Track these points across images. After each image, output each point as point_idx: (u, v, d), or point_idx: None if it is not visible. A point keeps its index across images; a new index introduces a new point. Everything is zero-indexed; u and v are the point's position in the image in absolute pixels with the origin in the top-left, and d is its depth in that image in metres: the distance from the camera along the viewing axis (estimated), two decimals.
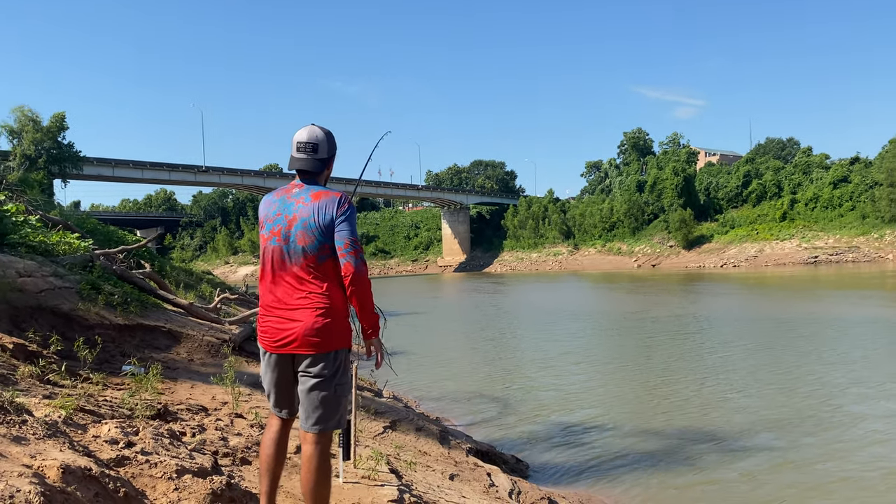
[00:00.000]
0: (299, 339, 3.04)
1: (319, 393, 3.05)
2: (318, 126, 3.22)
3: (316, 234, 3.05)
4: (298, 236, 3.07)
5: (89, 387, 4.82)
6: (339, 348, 3.10)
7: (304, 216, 3.08)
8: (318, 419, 3.06)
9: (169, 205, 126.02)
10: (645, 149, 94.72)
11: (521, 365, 17.03)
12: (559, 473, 8.75)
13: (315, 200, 3.10)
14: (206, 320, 11.33)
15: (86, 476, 2.78)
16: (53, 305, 7.92)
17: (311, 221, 3.06)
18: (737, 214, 77.07)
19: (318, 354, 3.04)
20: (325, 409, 3.06)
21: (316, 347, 3.04)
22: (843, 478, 8.14)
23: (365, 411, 8.06)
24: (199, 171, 74.40)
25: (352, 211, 3.12)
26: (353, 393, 4.92)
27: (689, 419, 10.93)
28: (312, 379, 3.05)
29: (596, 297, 39.13)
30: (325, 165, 3.23)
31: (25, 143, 53.06)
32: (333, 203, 3.09)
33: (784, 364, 15.08)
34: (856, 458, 8.75)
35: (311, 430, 3.07)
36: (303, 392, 3.09)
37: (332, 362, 3.07)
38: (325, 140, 3.20)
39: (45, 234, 11.08)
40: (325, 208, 3.07)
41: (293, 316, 3.06)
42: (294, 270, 3.08)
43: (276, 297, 3.12)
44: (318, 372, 3.05)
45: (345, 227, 3.06)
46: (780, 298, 32.15)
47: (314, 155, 3.18)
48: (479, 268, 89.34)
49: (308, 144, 3.17)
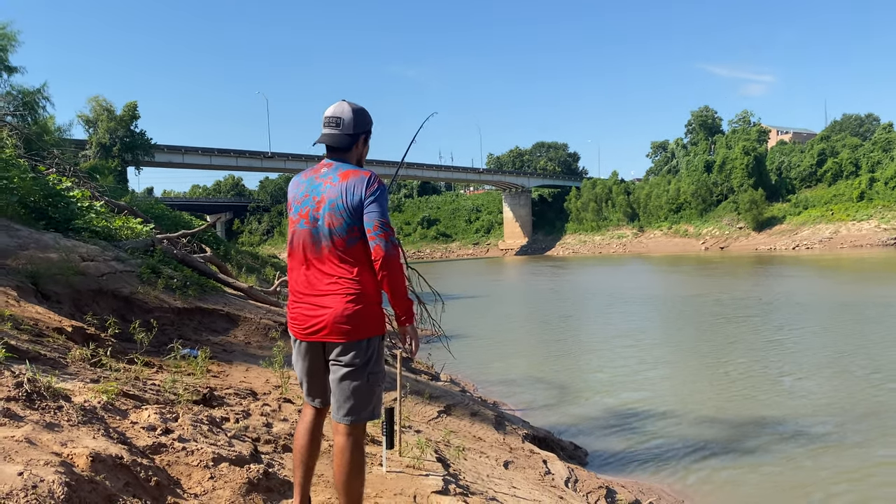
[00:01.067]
0: (329, 326, 2.90)
1: (351, 383, 2.91)
2: (347, 102, 3.06)
3: (344, 216, 2.90)
4: (327, 218, 2.92)
5: (139, 370, 4.85)
6: (371, 336, 2.94)
7: (331, 197, 2.93)
8: (350, 410, 2.92)
9: (237, 190, 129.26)
10: (713, 128, 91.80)
11: (581, 349, 16.72)
12: (619, 461, 8.51)
13: (343, 180, 2.94)
14: (266, 303, 11.45)
15: (116, 464, 2.73)
16: (114, 289, 8.08)
17: (339, 202, 2.91)
18: (810, 194, 73.97)
19: (349, 342, 2.90)
20: (357, 400, 2.92)
21: (347, 335, 2.89)
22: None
23: (419, 396, 7.98)
24: (265, 157, 75.77)
25: (381, 191, 2.94)
26: (398, 377, 4.81)
27: (752, 406, 10.51)
28: (343, 368, 2.92)
29: (659, 281, 38.22)
30: (352, 141, 3.05)
31: (100, 131, 54.96)
32: (362, 183, 2.92)
33: (850, 350, 14.35)
34: None
35: (343, 422, 2.94)
36: (334, 382, 2.95)
37: (364, 350, 2.92)
38: (350, 115, 3.03)
39: (109, 219, 11.36)
40: (354, 188, 2.91)
41: (323, 302, 2.92)
42: (323, 255, 2.94)
43: (305, 283, 2.99)
44: (349, 361, 2.91)
45: (374, 208, 2.89)
46: (852, 281, 30.70)
47: (337, 129, 3.02)
48: (540, 251, 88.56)
49: (333, 119, 3.02)
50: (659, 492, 7.38)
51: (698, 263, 51.69)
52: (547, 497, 5.31)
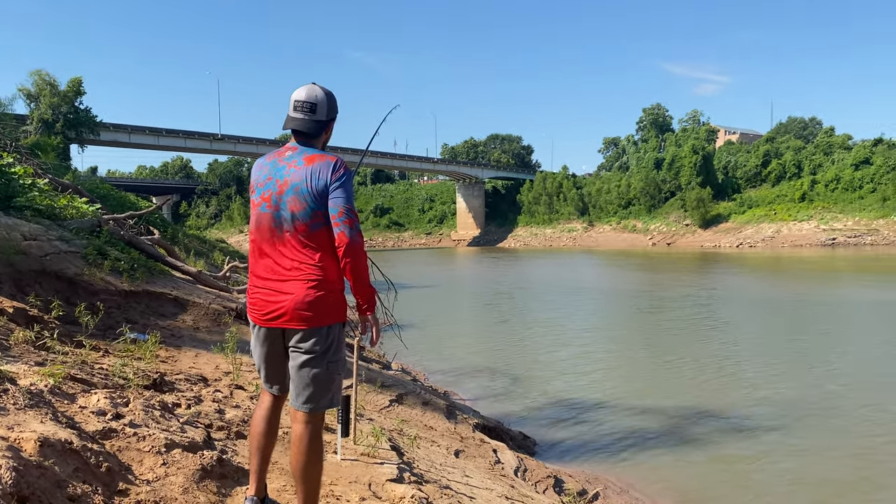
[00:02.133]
0: (289, 312, 2.85)
1: (311, 370, 2.87)
2: (318, 85, 2.98)
3: (308, 201, 2.84)
4: (290, 202, 2.86)
5: (86, 354, 4.71)
6: (332, 323, 2.90)
7: (295, 181, 2.86)
8: (309, 398, 2.88)
9: (185, 172, 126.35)
10: (664, 126, 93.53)
11: (531, 341, 16.90)
12: (566, 451, 8.64)
13: (308, 164, 2.87)
14: (215, 288, 11.25)
15: (66, 449, 2.65)
16: (58, 270, 7.82)
17: (304, 187, 2.84)
18: (755, 194, 76.10)
19: (309, 329, 2.85)
20: (317, 388, 2.88)
21: (307, 322, 2.84)
22: (849, 458, 7.98)
23: (371, 384, 7.96)
24: (215, 138, 74.26)
25: (348, 176, 2.89)
26: (354, 367, 4.79)
27: (698, 398, 10.80)
28: (303, 355, 2.87)
29: (608, 275, 38.86)
30: (323, 128, 2.99)
31: (42, 106, 53.05)
32: (328, 167, 2.86)
33: (791, 345, 14.87)
34: (859, 443, 8.59)
35: (302, 409, 2.89)
36: (293, 368, 2.91)
37: (324, 338, 2.88)
38: (324, 100, 2.96)
39: (53, 197, 10.98)
40: (319, 173, 2.85)
41: (283, 288, 2.86)
42: (285, 239, 2.88)
43: (265, 268, 2.93)
44: (309, 348, 2.86)
45: (339, 193, 2.84)
46: (791, 280, 31.73)
47: (312, 115, 2.94)
48: (492, 242, 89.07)
49: (306, 104, 2.94)
50: (605, 481, 7.52)
51: (645, 258, 52.72)
52: (498, 486, 5.36)
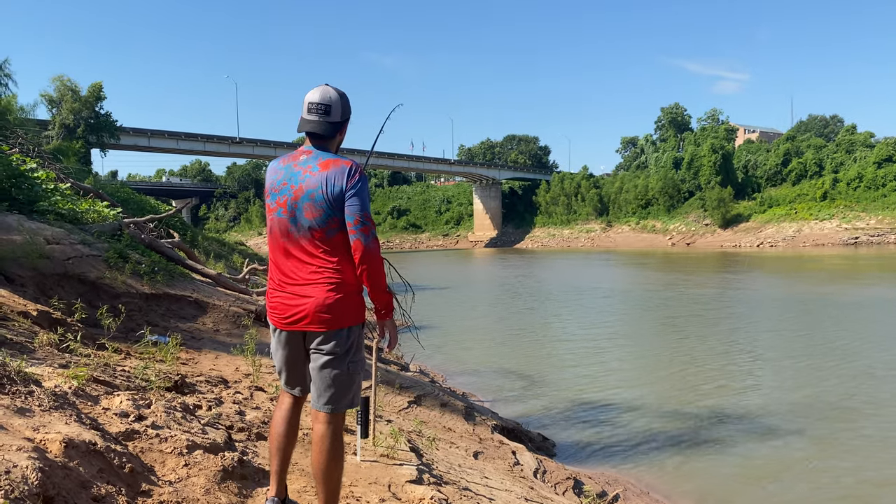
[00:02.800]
0: (310, 315, 2.87)
1: (332, 371, 2.90)
2: (331, 87, 2.97)
3: (324, 207, 2.84)
4: (305, 209, 2.86)
5: (108, 356, 4.77)
6: (351, 325, 2.92)
7: (310, 187, 2.86)
8: (331, 398, 2.91)
9: (204, 176, 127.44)
10: (683, 125, 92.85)
11: (550, 342, 16.85)
12: (586, 453, 8.61)
13: (323, 170, 2.86)
14: (234, 291, 11.33)
15: (90, 451, 2.69)
16: (80, 273, 7.92)
17: (319, 193, 2.84)
18: (775, 193, 75.32)
19: (329, 332, 2.88)
20: (338, 388, 2.91)
21: (327, 324, 2.87)
22: (873, 463, 7.87)
23: (389, 386, 7.98)
24: (233, 142, 74.76)
25: (363, 183, 2.87)
26: (373, 368, 4.80)
27: (718, 400, 10.71)
28: (324, 357, 2.90)
29: (627, 275, 38.64)
30: (337, 130, 2.98)
31: (64, 112, 53.75)
32: (343, 174, 2.85)
33: (813, 347, 14.69)
34: (883, 448, 8.47)
35: (323, 410, 2.92)
36: (314, 370, 2.93)
37: (344, 339, 2.90)
38: (338, 102, 2.95)
39: (75, 201, 11.12)
40: (334, 179, 2.84)
41: (303, 292, 2.88)
42: (302, 244, 2.89)
43: (285, 272, 2.94)
44: (330, 350, 2.89)
45: (355, 201, 2.83)
46: (813, 280, 31.37)
47: (326, 118, 2.93)
48: (510, 244, 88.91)
49: (320, 106, 2.92)
50: (625, 483, 7.48)
51: (665, 259, 52.38)
52: (518, 487, 5.35)
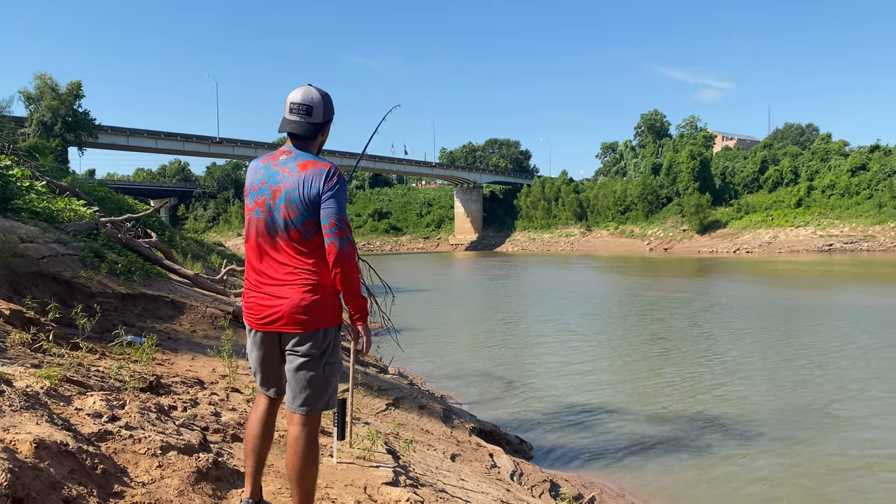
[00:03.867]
0: (286, 316, 2.86)
1: (307, 373, 2.88)
2: (314, 87, 2.96)
3: (300, 209, 2.83)
4: (282, 209, 2.85)
5: (82, 356, 4.71)
6: (327, 326, 2.91)
7: (288, 188, 2.86)
8: (306, 400, 2.90)
9: (183, 175, 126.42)
10: (661, 131, 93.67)
11: (529, 345, 16.91)
12: (563, 456, 8.64)
13: (301, 171, 2.86)
14: (212, 291, 11.25)
15: (61, 451, 2.66)
16: (55, 272, 7.82)
17: (296, 194, 2.84)
18: (752, 200, 76.27)
19: (305, 333, 2.86)
20: (313, 390, 2.90)
21: (303, 325, 2.85)
22: (847, 468, 7.98)
23: (368, 388, 7.96)
24: (213, 142, 74.24)
25: (341, 185, 2.85)
26: (351, 370, 4.79)
27: (694, 405, 10.79)
28: (300, 358, 2.88)
29: (605, 280, 38.88)
30: (318, 130, 2.97)
31: (42, 109, 53.06)
32: (321, 176, 2.84)
33: (788, 353, 14.88)
34: (852, 456, 8.58)
35: (298, 412, 2.91)
36: (290, 371, 2.92)
37: (320, 341, 2.89)
38: (320, 103, 2.94)
39: (51, 200, 10.98)
40: (312, 181, 2.83)
41: (279, 293, 2.87)
42: (279, 245, 2.88)
43: (261, 273, 2.93)
44: (305, 351, 2.87)
45: (331, 204, 2.81)
46: (788, 286, 31.78)
47: (308, 118, 2.92)
48: (490, 247, 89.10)
49: (302, 106, 2.91)
50: (601, 486, 7.52)
51: (643, 264, 52.77)
52: (494, 489, 5.36)
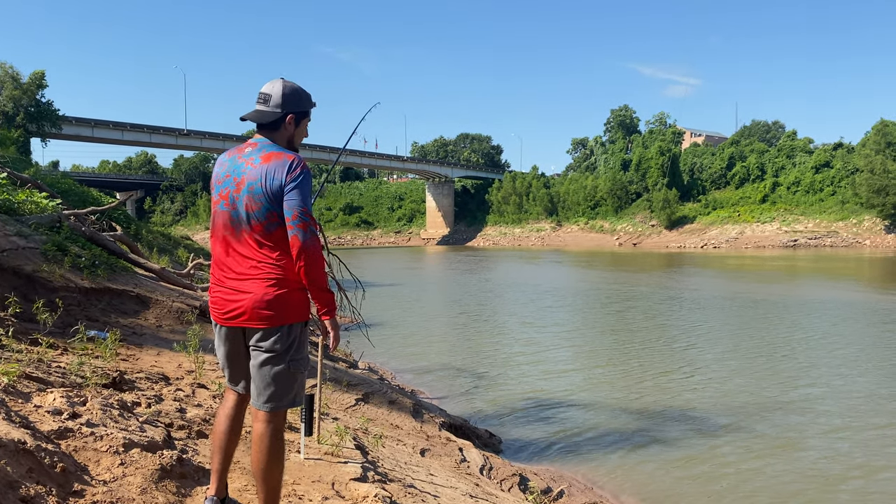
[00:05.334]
0: (248, 311, 2.80)
1: (272, 368, 2.83)
2: (284, 80, 2.94)
3: (263, 201, 2.78)
4: (245, 201, 2.80)
5: (42, 352, 4.60)
6: (292, 322, 2.85)
7: (251, 179, 2.81)
8: (270, 397, 2.84)
9: (149, 168, 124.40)
10: (631, 127, 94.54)
11: (499, 340, 16.97)
12: (532, 449, 8.68)
13: (264, 163, 2.81)
14: (178, 286, 11.09)
15: (19, 450, 2.59)
16: (15, 265, 7.63)
17: (258, 186, 2.79)
18: (719, 196, 77.41)
19: (269, 328, 2.81)
20: (278, 387, 2.85)
21: (267, 321, 2.80)
22: (813, 458, 8.14)
23: (337, 383, 7.92)
24: (181, 134, 73.24)
25: (304, 177, 2.79)
26: (319, 365, 4.75)
27: (662, 398, 10.93)
28: (264, 354, 2.83)
29: (575, 274, 39.18)
30: (279, 121, 2.91)
31: (3, 99, 51.83)
32: (283, 167, 2.79)
33: (756, 346, 15.14)
34: (814, 444, 8.76)
35: (263, 408, 2.86)
36: (254, 367, 2.87)
37: (284, 337, 2.83)
38: (280, 92, 2.90)
39: (11, 192, 10.72)
40: (274, 173, 2.78)
41: (243, 287, 2.82)
42: (243, 238, 2.83)
43: (226, 267, 2.88)
44: (269, 347, 2.82)
45: (294, 195, 2.76)
46: (755, 280, 32.33)
47: (265, 106, 2.89)
48: (462, 241, 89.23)
49: (263, 94, 2.90)
50: (570, 479, 7.58)
51: (612, 258, 53.28)
52: (463, 484, 5.37)
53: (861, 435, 8.99)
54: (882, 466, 7.93)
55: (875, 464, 8.00)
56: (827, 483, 7.52)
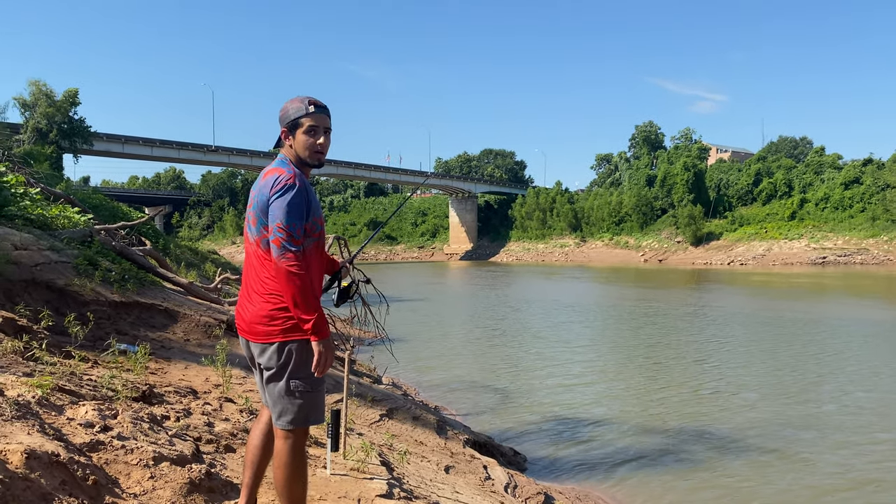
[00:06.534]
0: (247, 326, 2.88)
1: (273, 386, 2.84)
2: (295, 97, 2.98)
3: (258, 216, 2.83)
4: (250, 217, 2.89)
5: (74, 365, 4.68)
6: (285, 339, 2.81)
7: (254, 195, 2.89)
8: (280, 414, 2.84)
9: (178, 183, 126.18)
10: (656, 143, 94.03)
11: (523, 356, 16.88)
12: (557, 468, 8.61)
13: (262, 179, 2.87)
14: (206, 300, 11.21)
15: (53, 462, 2.63)
16: (48, 280, 7.78)
17: (255, 202, 2.86)
18: (746, 212, 76.50)
19: (264, 343, 2.83)
20: (283, 404, 2.83)
21: (262, 336, 2.83)
22: (846, 481, 7.97)
23: (361, 398, 7.92)
24: (209, 150, 74.19)
25: (286, 191, 2.75)
26: (345, 380, 4.77)
27: (689, 417, 10.78)
28: (265, 371, 2.87)
29: (600, 291, 38.91)
30: (281, 137, 2.97)
31: (37, 116, 52.96)
32: (270, 182, 2.81)
33: (783, 364, 14.90)
34: (845, 463, 8.59)
35: (277, 425, 2.87)
36: (261, 383, 2.92)
37: (277, 354, 2.82)
38: (281, 110, 2.95)
39: (45, 207, 10.94)
40: (265, 187, 2.82)
41: (248, 300, 2.90)
42: (252, 252, 2.90)
43: (243, 278, 2.98)
44: (265, 363, 2.84)
45: (274, 209, 2.75)
46: (783, 298, 31.84)
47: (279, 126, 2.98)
48: (485, 257, 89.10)
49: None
50: (595, 498, 7.50)
51: (637, 274, 52.84)
52: (488, 502, 5.33)
53: (874, 453, 8.81)
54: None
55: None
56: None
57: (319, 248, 2.97)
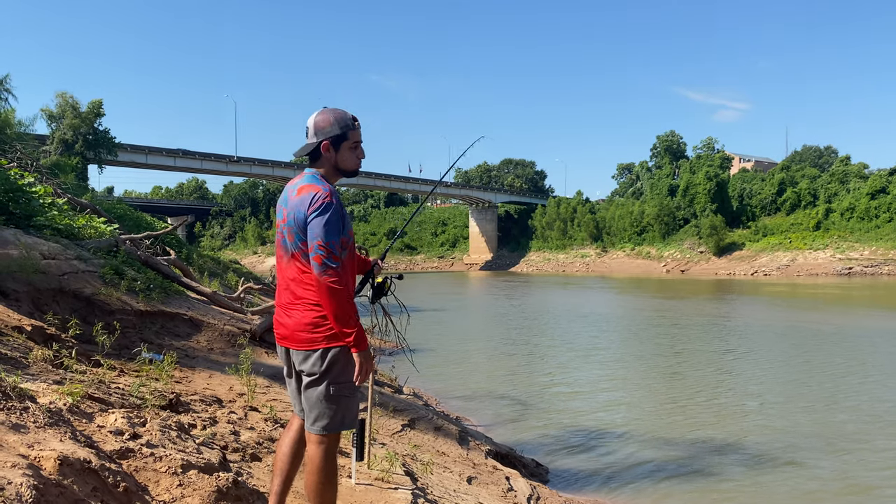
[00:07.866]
0: (290, 334, 2.95)
1: (313, 391, 2.92)
2: (325, 108, 3.03)
3: (296, 232, 2.90)
4: (287, 231, 2.95)
5: (103, 373, 4.73)
6: (329, 345, 2.91)
7: (290, 210, 2.94)
8: (317, 418, 2.93)
9: (200, 193, 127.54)
10: (678, 152, 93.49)
11: (545, 367, 16.80)
12: (580, 480, 8.55)
13: (297, 195, 2.92)
14: (229, 309, 11.28)
15: (84, 469, 2.66)
16: (75, 289, 7.88)
17: (291, 218, 2.92)
18: (770, 222, 75.66)
19: (308, 351, 2.92)
20: (322, 409, 2.92)
21: (306, 343, 2.91)
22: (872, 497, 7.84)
23: (383, 408, 7.93)
24: (231, 160, 74.95)
25: (324, 209, 2.83)
26: (370, 390, 4.78)
27: (713, 429, 10.66)
28: (306, 377, 2.94)
29: (622, 301, 38.66)
30: (318, 149, 2.99)
31: (64, 127, 53.85)
32: (307, 200, 2.86)
33: (807, 376, 14.69)
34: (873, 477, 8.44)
35: (312, 430, 2.95)
36: (302, 390, 2.98)
37: (321, 359, 2.90)
38: (314, 122, 2.99)
39: (72, 217, 11.11)
40: (301, 205, 2.88)
41: (289, 310, 2.97)
42: (290, 264, 2.97)
43: (280, 288, 3.04)
44: (308, 370, 2.92)
45: (312, 228, 2.83)
46: (808, 309, 31.42)
47: (307, 138, 3.02)
48: (505, 267, 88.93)
49: (306, 128, 3.03)
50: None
51: (660, 285, 52.45)
52: None
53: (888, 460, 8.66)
54: None
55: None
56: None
57: (352, 255, 3.06)
